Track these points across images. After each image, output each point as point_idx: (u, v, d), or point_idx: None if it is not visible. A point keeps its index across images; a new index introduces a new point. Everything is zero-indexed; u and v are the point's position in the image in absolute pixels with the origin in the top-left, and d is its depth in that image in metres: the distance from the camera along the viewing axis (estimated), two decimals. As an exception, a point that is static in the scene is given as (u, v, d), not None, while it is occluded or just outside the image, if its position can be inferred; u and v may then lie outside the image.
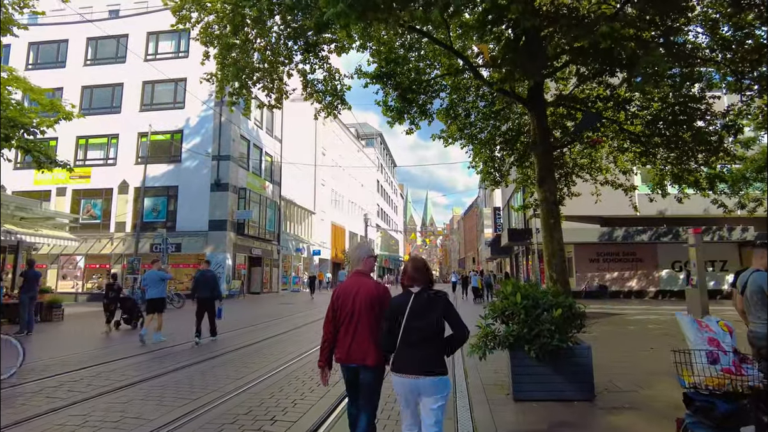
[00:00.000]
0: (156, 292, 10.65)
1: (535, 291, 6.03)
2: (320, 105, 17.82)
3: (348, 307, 3.45)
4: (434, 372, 3.03)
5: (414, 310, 3.10)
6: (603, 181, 20.99)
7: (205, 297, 10.44)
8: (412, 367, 3.03)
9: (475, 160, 21.21)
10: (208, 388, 6.41)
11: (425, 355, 3.04)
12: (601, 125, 17.87)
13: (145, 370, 7.64)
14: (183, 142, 27.99)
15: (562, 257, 15.45)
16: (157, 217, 27.80)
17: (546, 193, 15.77)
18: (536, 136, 16.37)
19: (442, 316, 3.09)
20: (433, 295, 3.17)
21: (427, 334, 3.05)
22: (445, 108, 19.49)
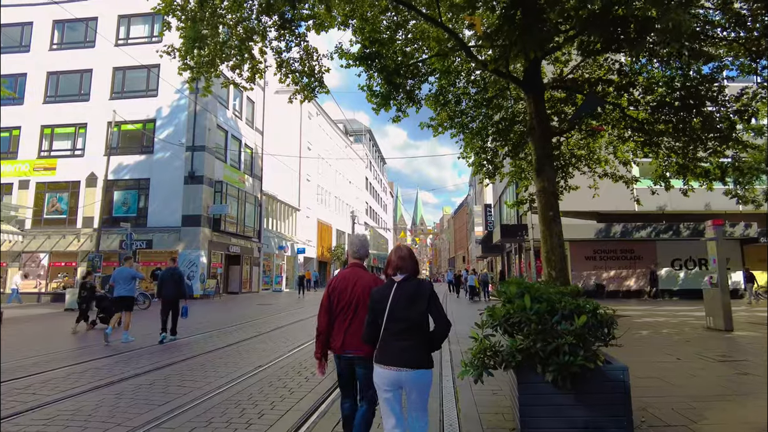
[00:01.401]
0: (125, 290, 10.27)
1: (549, 291, 4.55)
2: (296, 87, 16.34)
3: (345, 298, 3.43)
4: (418, 364, 2.91)
5: (397, 300, 2.98)
6: (602, 174, 19.75)
7: (171, 296, 10.15)
8: (395, 359, 2.91)
9: (467, 150, 19.85)
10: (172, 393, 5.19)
11: (408, 346, 2.93)
12: (603, 110, 16.57)
13: (106, 374, 6.86)
14: (155, 132, 26.23)
15: (562, 253, 14.07)
16: (127, 211, 26.00)
17: (544, 182, 14.39)
18: (533, 121, 15.01)
19: (426, 306, 2.97)
20: (417, 283, 3.05)
21: (411, 325, 2.94)
22: (434, 94, 18.09)
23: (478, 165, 19.67)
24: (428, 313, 2.97)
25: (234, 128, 29.72)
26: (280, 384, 6.26)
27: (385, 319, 2.97)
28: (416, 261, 3.21)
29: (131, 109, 26.29)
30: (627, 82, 15.33)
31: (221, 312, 17.60)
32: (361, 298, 3.37)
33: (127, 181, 26.21)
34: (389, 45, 16.09)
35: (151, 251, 25.17)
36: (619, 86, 15.52)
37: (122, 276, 10.36)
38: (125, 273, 10.40)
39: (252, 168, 32.19)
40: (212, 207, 25.75)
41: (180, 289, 10.28)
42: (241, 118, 30.84)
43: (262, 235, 32.76)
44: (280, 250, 36.42)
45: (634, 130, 17.29)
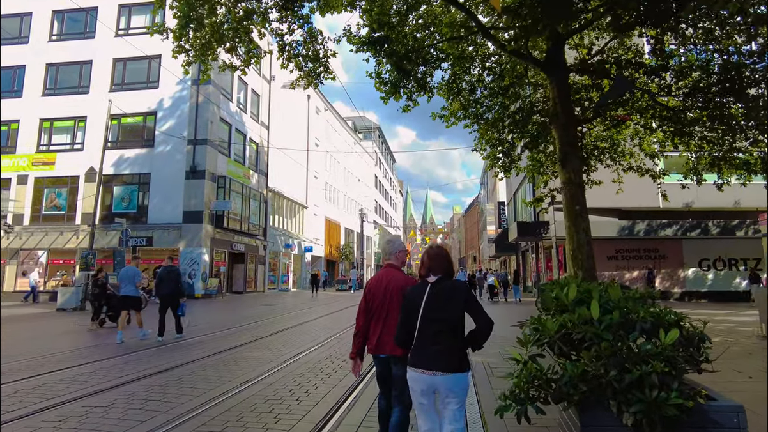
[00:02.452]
0: (130, 289, 10.35)
1: (621, 296, 3.34)
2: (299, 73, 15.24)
3: (379, 299, 3.43)
4: (452, 368, 2.76)
5: (430, 302, 2.85)
6: (626, 167, 18.43)
7: (168, 294, 10.22)
8: (429, 362, 2.78)
9: (481, 142, 18.62)
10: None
11: (443, 349, 2.79)
12: (632, 95, 15.25)
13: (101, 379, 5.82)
14: (156, 125, 25.27)
15: (589, 251, 12.75)
16: (127, 207, 25.10)
17: (570, 174, 13.08)
18: (556, 107, 13.74)
19: (463, 307, 2.84)
20: (451, 284, 2.91)
21: (445, 327, 2.81)
22: (446, 81, 16.90)
23: (493, 158, 18.48)
24: (465, 315, 2.86)
25: (238, 122, 28.71)
26: (266, 408, 5.12)
27: (418, 322, 2.86)
28: (450, 261, 3.05)
29: (132, 102, 25.38)
30: (660, 65, 14.01)
31: (221, 313, 16.56)
32: (394, 299, 3.32)
33: (127, 176, 25.30)
34: (399, 28, 14.97)
35: (151, 249, 24.22)
36: (650, 70, 14.20)
37: (128, 275, 10.42)
38: (131, 272, 10.44)
39: (257, 163, 31.16)
40: (215, 203, 24.75)
41: (178, 287, 10.32)
42: (245, 112, 29.82)
43: (267, 233, 31.73)
44: (287, 249, 35.38)
45: (664, 120, 15.98)
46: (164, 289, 10.29)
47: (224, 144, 26.78)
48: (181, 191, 24.27)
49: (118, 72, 26.33)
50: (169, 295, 10.24)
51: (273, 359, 7.87)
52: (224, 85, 27.07)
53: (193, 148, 24.54)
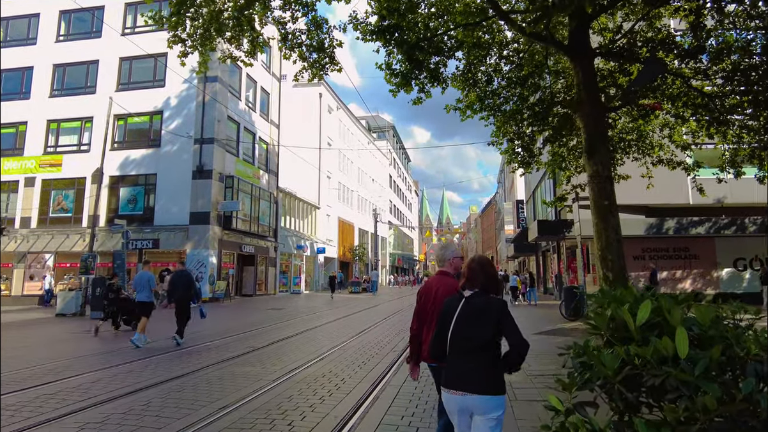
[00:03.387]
0: (144, 295, 10.38)
1: (714, 316, 2.29)
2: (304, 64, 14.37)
3: (428, 307, 3.40)
4: (483, 389, 2.55)
5: (461, 318, 2.68)
6: (656, 161, 17.17)
7: (181, 298, 10.18)
8: (459, 382, 2.60)
9: (498, 136, 17.52)
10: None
11: (473, 368, 2.60)
12: (664, 79, 14.02)
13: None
14: (163, 125, 24.68)
15: (619, 251, 11.59)
16: (133, 209, 24.55)
17: (598, 166, 11.93)
18: (581, 93, 12.61)
19: (495, 326, 2.61)
20: (485, 301, 2.70)
21: (476, 345, 2.61)
22: (461, 71, 15.85)
23: (511, 153, 17.38)
24: (498, 334, 2.62)
25: (247, 121, 28.00)
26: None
27: (449, 338, 2.69)
28: (489, 274, 2.77)
29: (138, 101, 24.86)
30: (696, 46, 12.76)
31: (225, 318, 15.73)
32: (439, 306, 3.08)
33: (133, 177, 24.74)
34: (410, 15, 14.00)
35: (158, 251, 23.62)
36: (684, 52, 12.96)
37: (141, 281, 10.46)
38: (145, 278, 10.49)
39: (267, 163, 30.42)
40: (222, 203, 24.04)
41: (191, 292, 10.31)
42: (255, 110, 29.09)
43: (278, 234, 30.97)
44: (299, 250, 34.59)
45: (698, 108, 14.71)
46: (177, 294, 10.25)
47: (232, 143, 26.08)
48: (188, 192, 23.62)
49: (125, 71, 25.83)
50: (183, 299, 10.22)
51: (263, 376, 6.93)
52: (232, 82, 26.39)
53: (200, 147, 23.86)
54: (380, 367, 7.52)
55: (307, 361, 8.01)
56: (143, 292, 10.41)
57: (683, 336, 1.98)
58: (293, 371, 7.26)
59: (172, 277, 10.81)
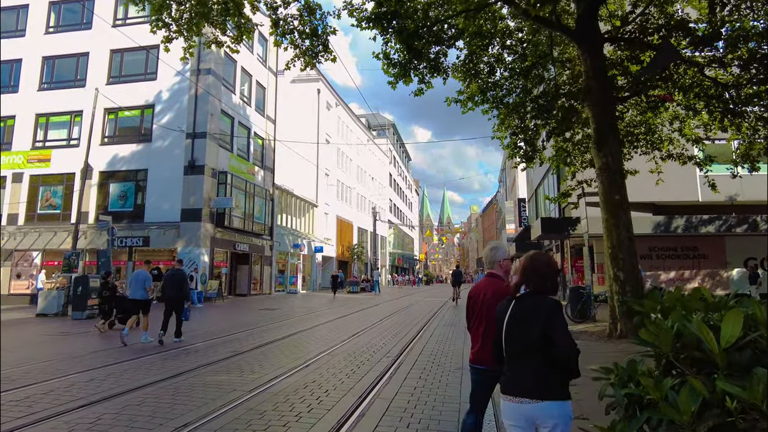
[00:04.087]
0: (139, 293, 10.31)
1: None
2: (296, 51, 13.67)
3: (477, 309, 3.37)
4: (539, 394, 2.36)
5: (512, 319, 2.54)
6: (665, 156, 16.42)
7: (172, 297, 10.21)
8: (515, 387, 2.46)
9: (501, 129, 16.77)
10: None
11: (528, 372, 2.43)
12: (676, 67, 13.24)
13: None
14: (154, 119, 23.91)
15: (631, 249, 10.87)
16: (123, 205, 23.79)
17: (607, 158, 11.24)
18: (590, 81, 11.89)
19: (541, 329, 2.39)
20: (534, 302, 2.50)
21: (527, 348, 2.44)
22: (462, 61, 15.11)
23: (513, 146, 16.64)
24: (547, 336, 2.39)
25: (242, 115, 27.22)
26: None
27: (503, 341, 2.56)
28: (541, 274, 2.56)
29: (129, 95, 24.11)
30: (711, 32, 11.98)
31: (214, 319, 14.96)
32: (492, 312, 3.03)
33: (124, 172, 23.98)
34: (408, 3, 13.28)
35: (148, 249, 22.85)
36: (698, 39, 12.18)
37: (137, 279, 10.43)
38: (141, 276, 10.45)
39: (263, 159, 29.63)
40: (215, 200, 23.27)
41: (181, 291, 10.30)
42: (250, 105, 28.31)
43: (274, 232, 30.19)
44: (296, 249, 33.81)
45: (711, 98, 13.94)
46: (168, 293, 10.34)
47: (226, 138, 25.31)
48: (180, 188, 22.85)
49: (116, 64, 25.06)
50: (173, 298, 10.20)
51: (238, 386, 6.18)
52: (226, 76, 25.62)
53: (192, 142, 23.09)
54: (370, 376, 6.76)
55: (291, 369, 7.25)
56: (138, 291, 10.33)
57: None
58: (273, 381, 6.50)
59: (165, 275, 11.02)
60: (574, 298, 13.76)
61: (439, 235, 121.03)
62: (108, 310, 12.62)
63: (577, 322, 13.11)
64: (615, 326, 10.32)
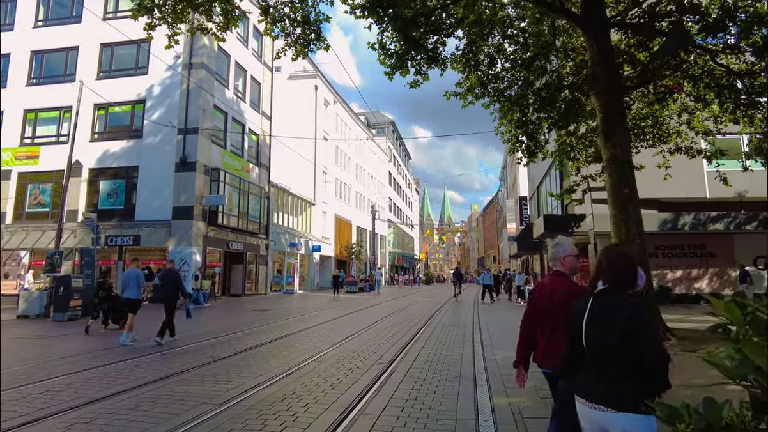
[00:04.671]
0: (132, 292, 10.22)
1: None
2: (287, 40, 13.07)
3: (543, 309, 3.22)
4: (616, 403, 2.12)
5: (591, 318, 2.33)
6: (673, 149, 15.78)
7: (169, 297, 10.11)
8: (589, 391, 2.26)
9: (502, 123, 16.13)
10: None
11: (605, 376, 2.21)
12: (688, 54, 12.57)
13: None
14: (145, 114, 23.25)
15: (641, 246, 10.20)
16: (114, 203, 23.14)
17: (616, 149, 10.55)
18: (596, 69, 11.21)
19: (624, 329, 2.14)
20: (613, 298, 2.29)
21: (605, 350, 2.22)
22: (462, 51, 14.47)
23: (515, 141, 16.01)
24: (629, 339, 2.15)
25: (236, 111, 26.54)
26: None
27: (584, 341, 2.34)
28: (617, 267, 2.34)
29: (119, 89, 23.47)
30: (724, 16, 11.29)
31: (201, 321, 14.27)
32: (559, 313, 2.98)
33: (114, 169, 23.31)
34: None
35: (139, 248, 22.20)
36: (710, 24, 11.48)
37: (130, 278, 10.33)
38: (133, 275, 10.35)
39: (258, 156, 28.94)
40: (207, 197, 22.59)
41: (177, 290, 10.17)
42: (244, 100, 27.64)
43: (270, 231, 29.52)
44: (293, 248, 33.13)
45: (722, 89, 13.28)
46: (163, 293, 10.31)
47: (219, 134, 24.64)
48: (171, 185, 22.19)
49: (106, 58, 24.41)
50: (169, 298, 10.09)
51: (209, 398, 5.52)
52: (219, 70, 24.96)
53: (184, 138, 22.43)
54: (358, 386, 6.08)
55: (271, 377, 6.58)
56: (131, 290, 10.21)
57: None
58: (249, 391, 5.83)
59: (159, 276, 11.21)
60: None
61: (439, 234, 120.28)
62: (106, 310, 12.43)
63: (583, 323, 12.42)
64: (624, 328, 9.65)
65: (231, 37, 26.11)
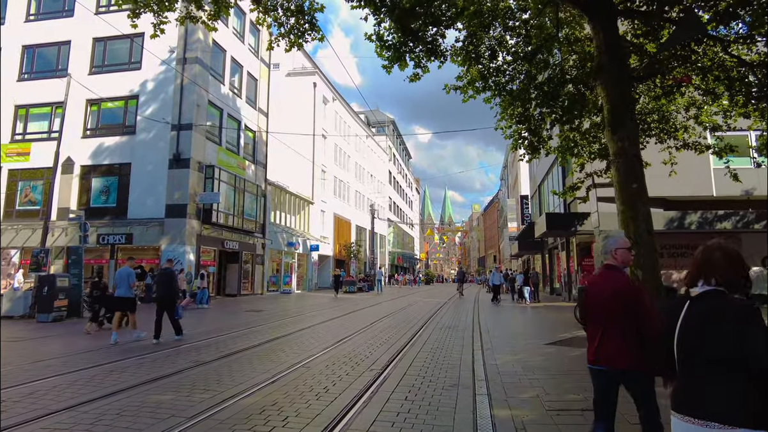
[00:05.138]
0: (124, 291, 10.19)
1: None
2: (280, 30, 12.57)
3: (595, 306, 3.13)
4: (727, 417, 1.86)
5: (684, 328, 2.06)
6: (680, 145, 15.22)
7: (161, 297, 10.10)
8: (693, 406, 1.98)
9: (504, 117, 15.58)
10: None
11: (713, 390, 1.94)
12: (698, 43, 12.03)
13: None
14: (138, 110, 22.75)
15: (651, 245, 9.60)
16: (106, 201, 22.65)
17: (623, 142, 9.92)
18: (602, 58, 10.65)
19: (734, 336, 1.89)
20: (719, 305, 1.98)
21: (713, 361, 1.95)
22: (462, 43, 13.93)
23: (517, 136, 15.47)
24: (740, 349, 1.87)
25: (231, 107, 26.02)
26: None
27: (675, 350, 2.10)
28: (730, 267, 2.06)
29: (112, 85, 22.98)
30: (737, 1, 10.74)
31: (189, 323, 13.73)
32: (612, 309, 2.98)
33: (107, 166, 22.81)
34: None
35: (132, 247, 21.72)
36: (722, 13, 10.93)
37: (121, 276, 10.27)
38: (124, 274, 10.29)
39: (254, 154, 28.43)
40: (201, 195, 22.08)
41: (171, 290, 10.19)
42: (240, 96, 27.13)
43: (266, 230, 29.00)
44: (290, 247, 32.62)
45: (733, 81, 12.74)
46: (158, 293, 10.26)
47: (214, 130, 24.13)
48: (164, 182, 21.68)
49: (98, 53, 23.91)
50: (162, 298, 10.06)
51: (180, 411, 4.99)
52: (215, 65, 24.44)
53: (177, 134, 21.92)
54: (345, 397, 5.55)
55: (253, 386, 6.06)
56: (122, 288, 10.16)
57: None
58: (225, 402, 5.31)
59: (156, 276, 11.34)
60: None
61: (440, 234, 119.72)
62: (97, 310, 12.24)
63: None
64: (633, 332, 9.12)
65: (226, 31, 25.63)
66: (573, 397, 5.44)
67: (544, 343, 9.42)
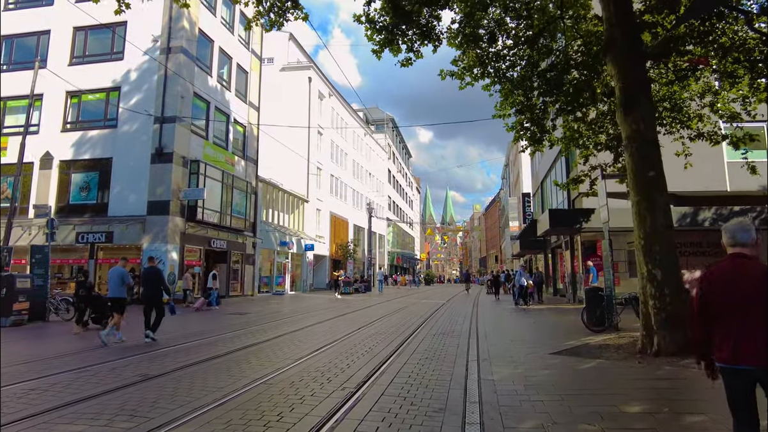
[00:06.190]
0: (116, 291, 9.93)
1: None
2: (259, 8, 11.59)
3: (730, 297, 2.82)
4: None
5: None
6: (695, 135, 14.09)
7: (150, 296, 10.10)
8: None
9: (505, 105, 14.46)
10: None
11: None
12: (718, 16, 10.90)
13: None
14: (120, 102, 21.66)
15: (670, 240, 8.48)
16: (86, 197, 21.56)
17: (638, 125, 8.79)
18: (613, 31, 9.56)
19: None
20: None
21: None
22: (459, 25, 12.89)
23: (519, 127, 14.39)
24: None
25: (219, 100, 24.92)
26: None
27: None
28: None
29: (93, 76, 21.92)
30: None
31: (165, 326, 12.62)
32: (754, 295, 2.71)
33: (87, 161, 21.73)
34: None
35: (112, 246, 20.64)
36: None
37: (113, 277, 10.05)
38: (116, 274, 10.05)
39: (245, 149, 27.32)
40: (185, 191, 20.97)
41: (159, 289, 10.12)
42: (229, 89, 26.02)
43: (257, 229, 27.88)
44: (283, 247, 31.50)
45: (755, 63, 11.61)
46: (147, 291, 10.23)
47: (200, 123, 23.02)
48: (146, 178, 20.58)
49: (79, 43, 22.84)
50: (150, 297, 10.09)
51: None
52: (201, 56, 23.35)
53: (160, 127, 20.82)
54: (306, 423, 4.43)
55: (194, 409, 4.95)
56: (117, 288, 9.94)
57: None
58: (178, 421, 4.19)
59: (142, 274, 11.26)
60: (593, 301, 11.39)
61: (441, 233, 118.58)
62: (83, 309, 11.93)
63: (596, 331, 10.76)
64: (650, 340, 7.97)
65: (214, 21, 24.54)
66: (586, 429, 4.30)
67: (548, 352, 8.27)
